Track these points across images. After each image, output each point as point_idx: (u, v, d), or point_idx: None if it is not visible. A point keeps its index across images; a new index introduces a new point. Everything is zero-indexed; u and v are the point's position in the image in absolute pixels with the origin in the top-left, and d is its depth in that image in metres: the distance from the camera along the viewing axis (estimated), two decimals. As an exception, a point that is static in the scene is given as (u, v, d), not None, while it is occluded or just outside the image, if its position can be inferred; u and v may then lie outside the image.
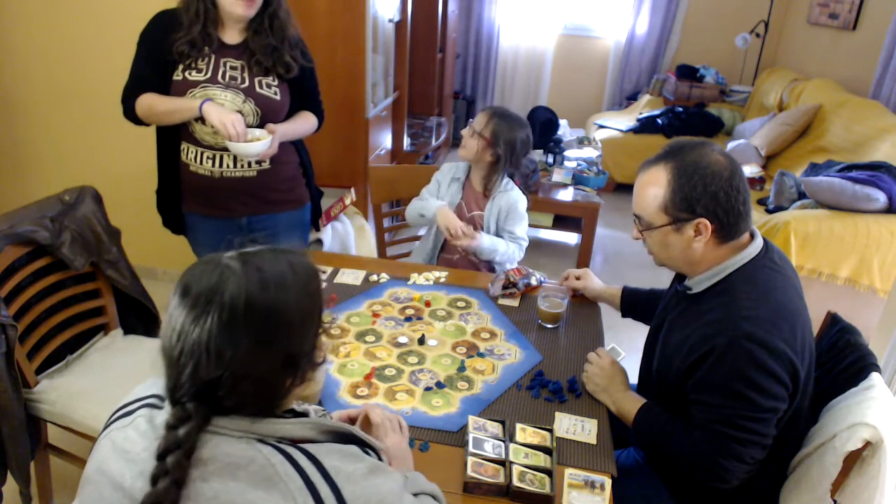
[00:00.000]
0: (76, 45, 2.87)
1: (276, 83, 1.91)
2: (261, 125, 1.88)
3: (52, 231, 1.71)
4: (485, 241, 2.11)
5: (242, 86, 1.86)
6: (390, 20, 3.57)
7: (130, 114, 1.88)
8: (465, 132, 2.14)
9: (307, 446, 0.83)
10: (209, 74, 1.83)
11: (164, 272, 3.28)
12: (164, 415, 0.83)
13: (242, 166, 1.91)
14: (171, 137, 1.93)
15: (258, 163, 1.93)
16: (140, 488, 0.79)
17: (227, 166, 1.90)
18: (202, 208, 2.00)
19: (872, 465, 1.21)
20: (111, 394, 1.71)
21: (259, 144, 1.80)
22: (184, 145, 1.92)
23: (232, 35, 1.87)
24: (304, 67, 1.96)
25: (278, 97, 1.92)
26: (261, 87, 1.88)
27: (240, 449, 0.79)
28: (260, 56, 1.86)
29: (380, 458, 0.91)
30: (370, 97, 3.18)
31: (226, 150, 1.86)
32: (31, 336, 1.72)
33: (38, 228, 1.68)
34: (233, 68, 1.85)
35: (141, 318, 2.07)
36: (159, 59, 1.83)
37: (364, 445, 0.90)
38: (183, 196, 2.01)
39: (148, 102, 1.84)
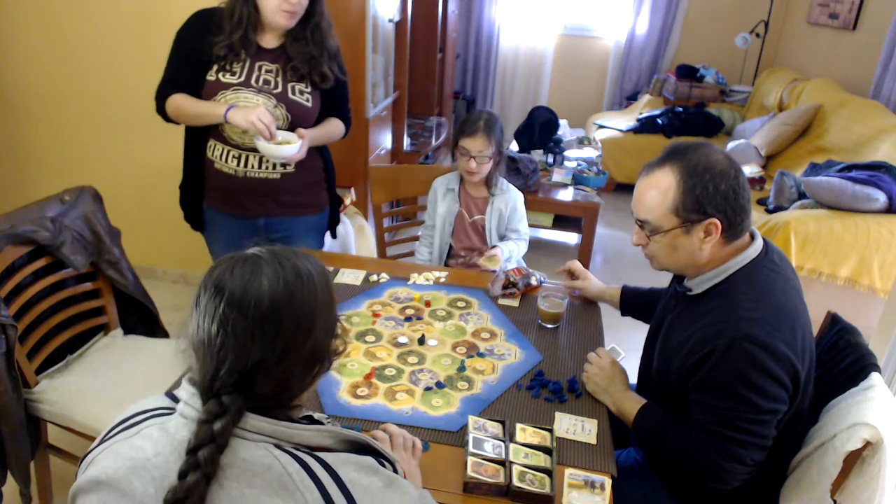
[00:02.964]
0: (76, 46, 2.87)
1: (308, 90, 1.92)
2: (290, 130, 1.89)
3: (52, 231, 1.71)
4: (505, 254, 2.16)
5: (275, 91, 1.87)
6: (390, 20, 3.57)
7: (162, 112, 1.91)
8: (468, 163, 2.13)
9: (324, 455, 0.83)
10: (243, 77, 1.84)
11: (164, 272, 3.28)
12: (176, 420, 0.82)
13: (266, 168, 1.93)
14: (200, 133, 1.95)
15: (283, 165, 1.94)
16: (152, 494, 0.78)
17: (252, 166, 1.92)
18: (222, 205, 2.02)
19: (872, 465, 1.21)
20: (111, 394, 1.72)
21: (289, 148, 1.81)
22: (211, 142, 1.94)
23: (270, 39, 1.88)
24: (339, 79, 1.98)
25: (310, 104, 1.93)
26: (293, 93, 1.89)
27: (257, 455, 0.79)
28: (297, 62, 1.87)
29: (395, 471, 0.90)
30: (370, 97, 3.18)
31: (252, 150, 1.88)
32: (31, 336, 1.72)
33: (38, 228, 1.68)
34: (268, 72, 1.87)
35: (141, 318, 2.07)
36: (194, 58, 1.84)
37: (380, 457, 0.89)
38: (205, 192, 2.03)
39: (177, 104, 1.87)
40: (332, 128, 2.05)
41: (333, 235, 2.30)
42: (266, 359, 0.81)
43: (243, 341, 0.80)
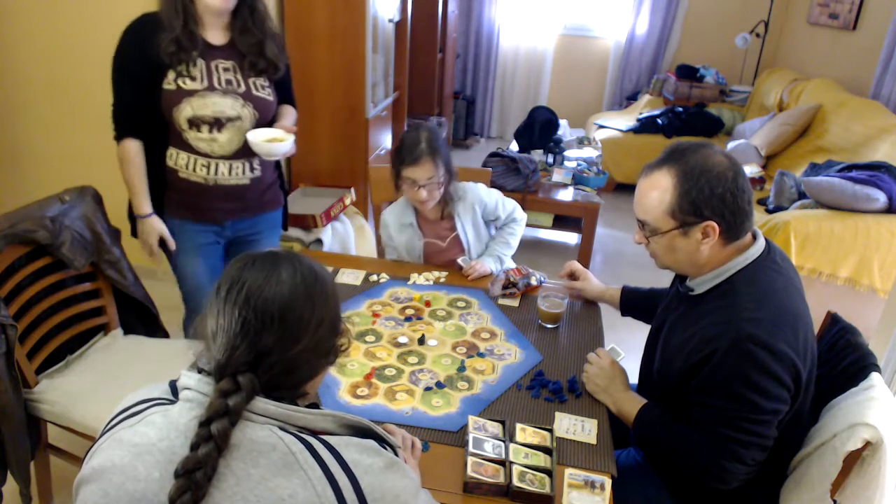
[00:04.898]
0: (75, 46, 2.87)
1: (267, 84, 1.90)
2: (255, 127, 1.86)
3: (52, 231, 1.71)
4: (491, 265, 2.03)
5: (240, 90, 1.84)
6: (390, 20, 3.57)
7: (117, 140, 1.89)
8: (418, 193, 1.93)
9: (327, 438, 0.85)
10: (206, 82, 1.79)
11: (164, 272, 3.26)
12: (180, 406, 0.84)
13: (236, 174, 1.90)
14: (157, 143, 1.87)
15: (252, 170, 1.92)
16: (157, 478, 0.80)
17: (222, 174, 1.88)
18: (187, 213, 1.94)
19: (872, 465, 1.21)
20: (111, 394, 1.72)
21: (283, 145, 1.82)
22: (172, 151, 1.86)
23: (215, 34, 1.82)
24: (287, 64, 1.95)
25: (271, 98, 1.91)
26: (256, 89, 1.87)
27: (262, 436, 0.81)
28: (252, 57, 1.84)
29: (396, 455, 0.92)
30: (370, 97, 3.18)
31: (221, 157, 1.85)
32: (31, 336, 1.72)
33: (38, 228, 1.68)
34: (225, 70, 1.82)
35: (141, 318, 2.07)
36: (145, 67, 1.75)
37: (382, 442, 0.91)
38: (166, 203, 1.93)
39: (126, 158, 1.86)
40: (292, 116, 2.02)
41: (285, 228, 2.27)
42: (277, 345, 0.85)
43: (259, 328, 0.84)
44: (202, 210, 1.94)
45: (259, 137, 1.82)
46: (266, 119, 1.90)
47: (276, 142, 1.82)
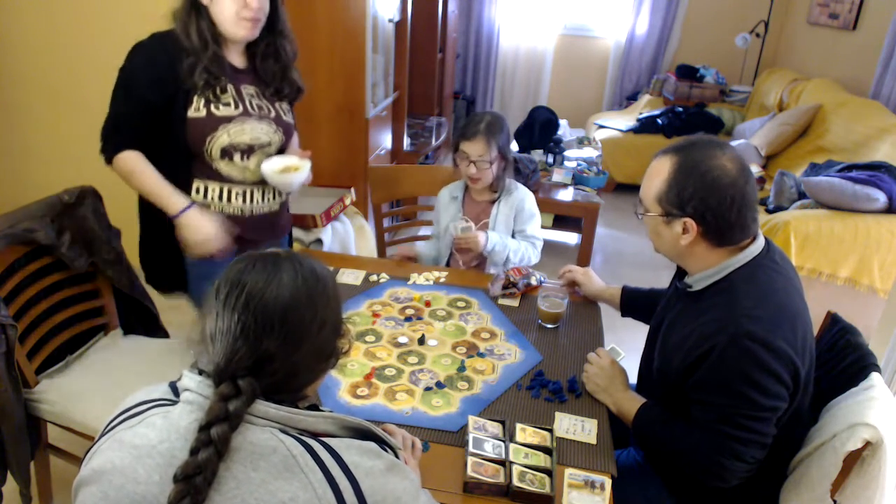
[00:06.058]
0: (75, 46, 2.87)
1: (288, 107, 1.85)
2: (279, 152, 1.79)
3: (53, 231, 1.71)
4: (492, 239, 2.03)
5: (271, 115, 1.76)
6: (390, 20, 3.57)
7: (108, 159, 1.66)
8: (468, 169, 2.02)
9: (328, 440, 0.85)
10: (241, 108, 1.69)
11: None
12: (180, 408, 0.84)
13: (268, 200, 1.81)
14: (179, 174, 1.69)
15: (280, 194, 1.85)
16: (157, 481, 0.79)
17: (257, 202, 1.79)
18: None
19: (872, 465, 1.21)
20: (111, 394, 1.71)
21: (301, 174, 1.74)
22: (199, 185, 1.71)
23: (236, 58, 1.73)
24: None
25: (293, 121, 1.86)
26: (284, 113, 1.81)
27: (263, 439, 0.81)
28: (276, 84, 1.77)
29: (397, 457, 0.92)
30: (370, 97, 3.18)
31: (255, 183, 1.76)
32: (31, 336, 1.72)
33: (38, 228, 1.68)
34: (250, 95, 1.73)
35: (141, 318, 2.07)
36: (159, 92, 1.61)
37: (382, 444, 0.91)
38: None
39: (131, 168, 1.63)
40: (296, 138, 1.95)
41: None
42: (279, 349, 0.84)
43: (260, 333, 0.83)
44: (240, 245, 1.77)
45: (274, 168, 1.71)
46: (288, 143, 1.84)
47: (291, 171, 1.72)
